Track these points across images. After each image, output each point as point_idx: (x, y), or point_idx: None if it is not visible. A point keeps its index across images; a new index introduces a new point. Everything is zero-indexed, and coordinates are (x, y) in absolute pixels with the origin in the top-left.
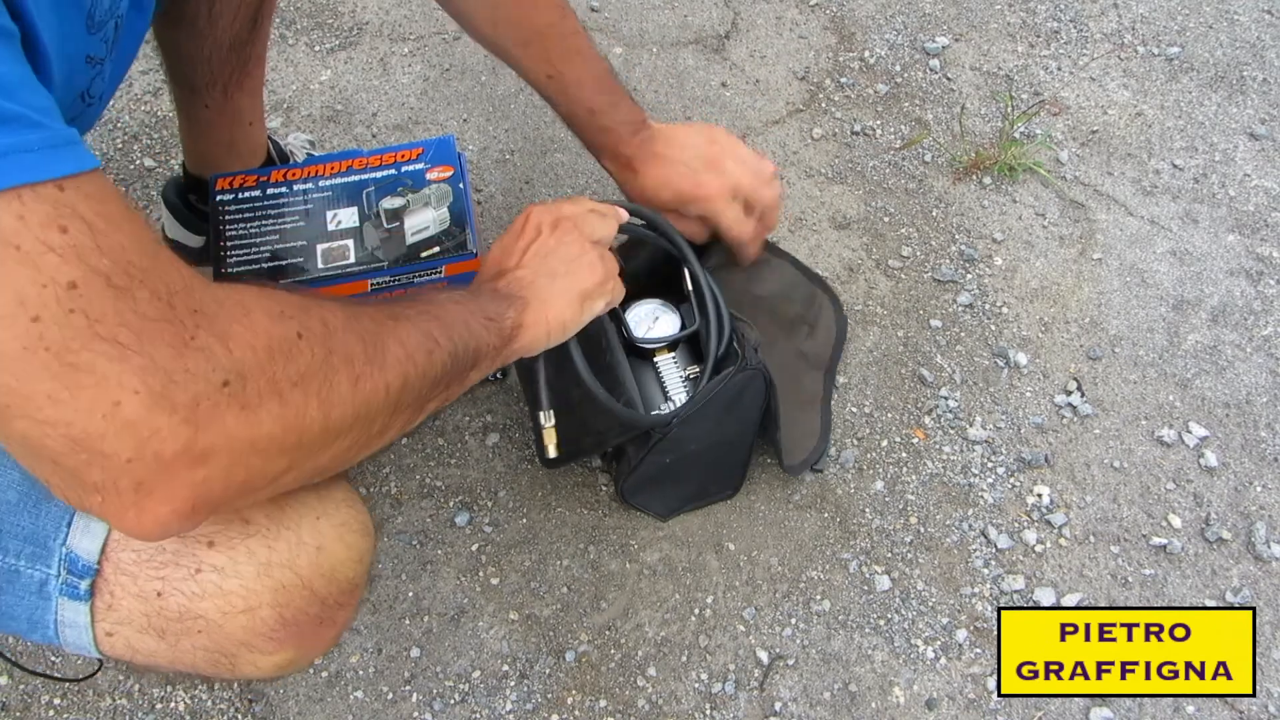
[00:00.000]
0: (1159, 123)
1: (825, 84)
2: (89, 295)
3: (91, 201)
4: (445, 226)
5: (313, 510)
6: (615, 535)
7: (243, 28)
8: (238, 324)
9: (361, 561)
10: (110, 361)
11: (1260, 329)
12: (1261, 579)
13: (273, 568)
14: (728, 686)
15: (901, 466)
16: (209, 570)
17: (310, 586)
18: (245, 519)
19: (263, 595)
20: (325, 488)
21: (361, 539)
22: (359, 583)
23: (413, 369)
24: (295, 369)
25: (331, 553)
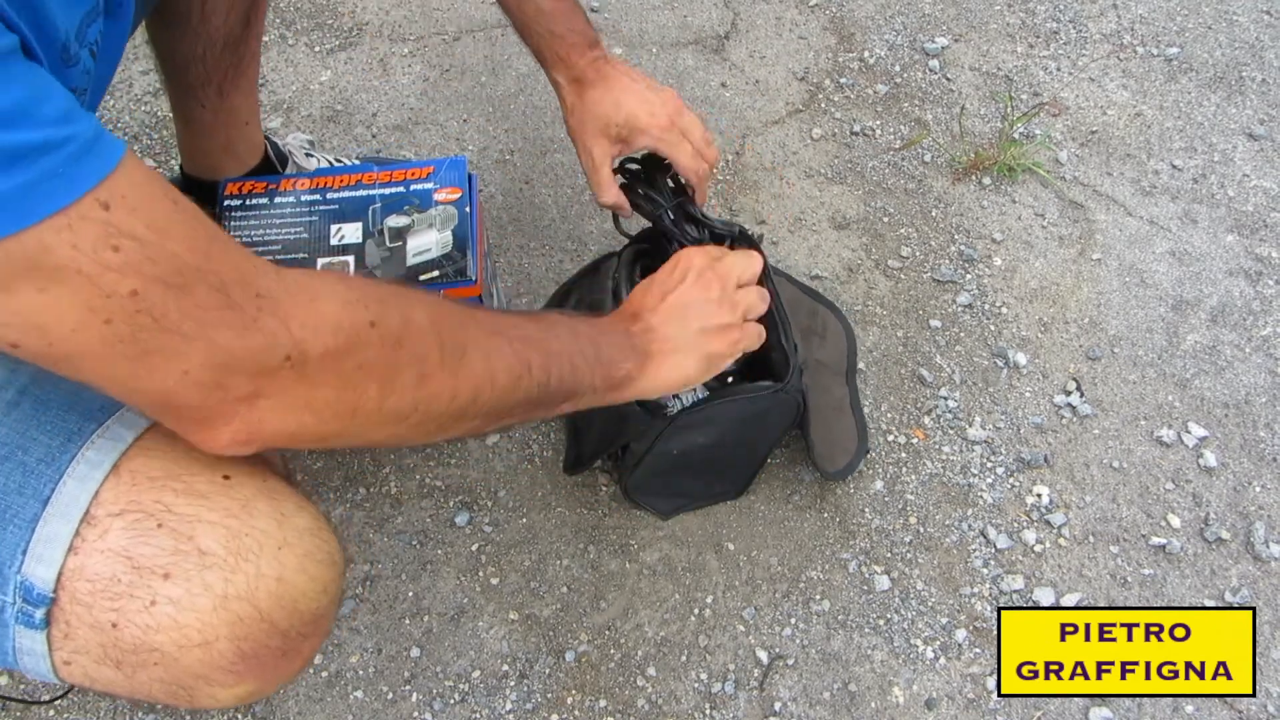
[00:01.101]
0: (1158, 123)
1: (825, 84)
2: (150, 298)
3: (137, 213)
4: (447, 250)
5: (274, 540)
6: (615, 535)
7: (236, 25)
8: (303, 308)
9: (326, 592)
10: (180, 344)
11: (1259, 329)
12: (1261, 579)
13: (230, 600)
14: (727, 686)
15: (901, 466)
16: (164, 603)
17: (270, 619)
18: (202, 549)
19: (219, 629)
20: (289, 515)
21: (326, 569)
22: (323, 613)
23: (489, 387)
24: (360, 356)
25: (293, 584)
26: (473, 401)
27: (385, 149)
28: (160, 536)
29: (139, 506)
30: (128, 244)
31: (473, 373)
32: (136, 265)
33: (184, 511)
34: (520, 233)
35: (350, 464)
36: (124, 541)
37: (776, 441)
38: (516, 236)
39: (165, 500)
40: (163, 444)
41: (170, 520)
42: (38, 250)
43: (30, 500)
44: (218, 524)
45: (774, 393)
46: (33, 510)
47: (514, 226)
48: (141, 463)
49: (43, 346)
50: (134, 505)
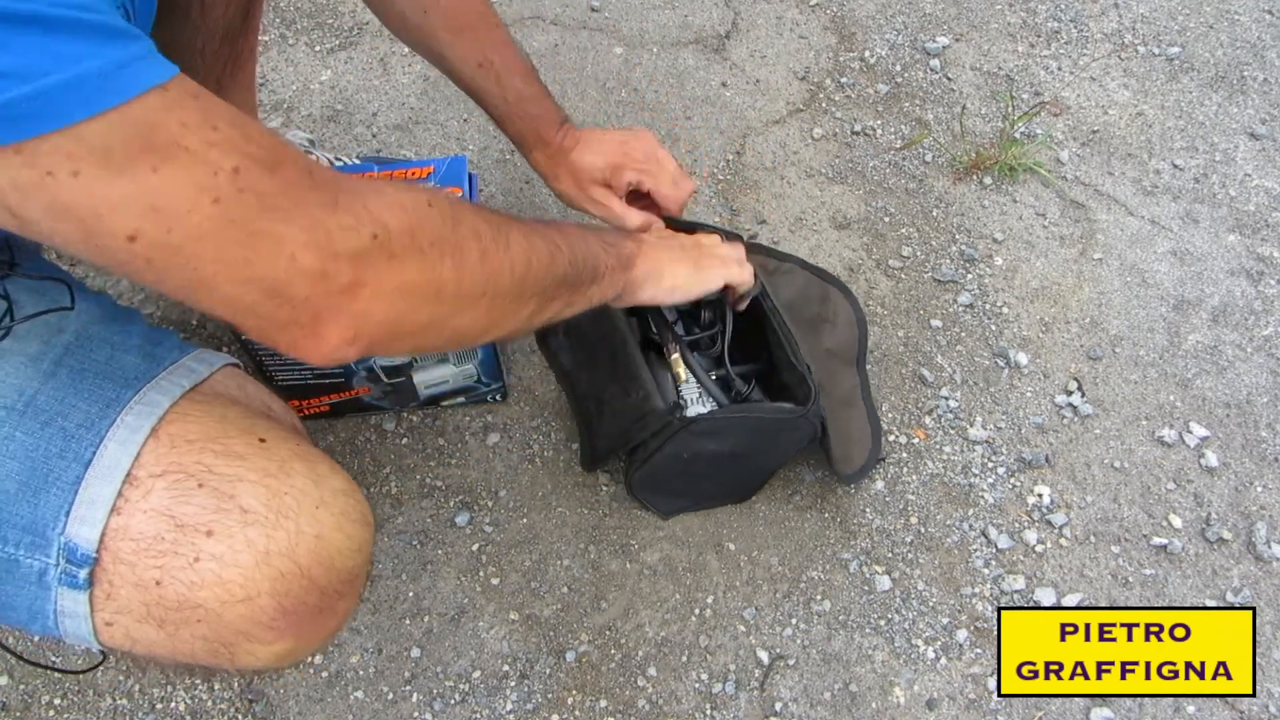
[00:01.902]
0: (1159, 123)
1: (825, 84)
2: (251, 176)
3: (216, 104)
4: None
5: (311, 499)
6: (615, 535)
7: (235, 18)
8: (371, 192)
9: (361, 551)
10: (282, 225)
11: (1261, 329)
12: (1262, 579)
13: (271, 556)
14: (728, 686)
15: (902, 466)
16: (208, 559)
17: (309, 575)
18: (244, 507)
19: (261, 584)
20: (324, 477)
21: (361, 529)
22: (358, 572)
23: (535, 259)
24: (429, 231)
25: (330, 541)
26: (527, 273)
27: (385, 148)
28: (202, 495)
29: (180, 467)
30: (223, 125)
31: (521, 248)
32: (235, 143)
33: (224, 471)
34: None
35: (350, 464)
36: (166, 501)
37: (786, 459)
38: None
39: (205, 461)
40: (198, 409)
41: (211, 480)
42: (148, 127)
43: (72, 464)
44: (258, 483)
45: (796, 417)
46: (74, 473)
47: None
48: (179, 427)
49: (161, 233)
50: (175, 466)
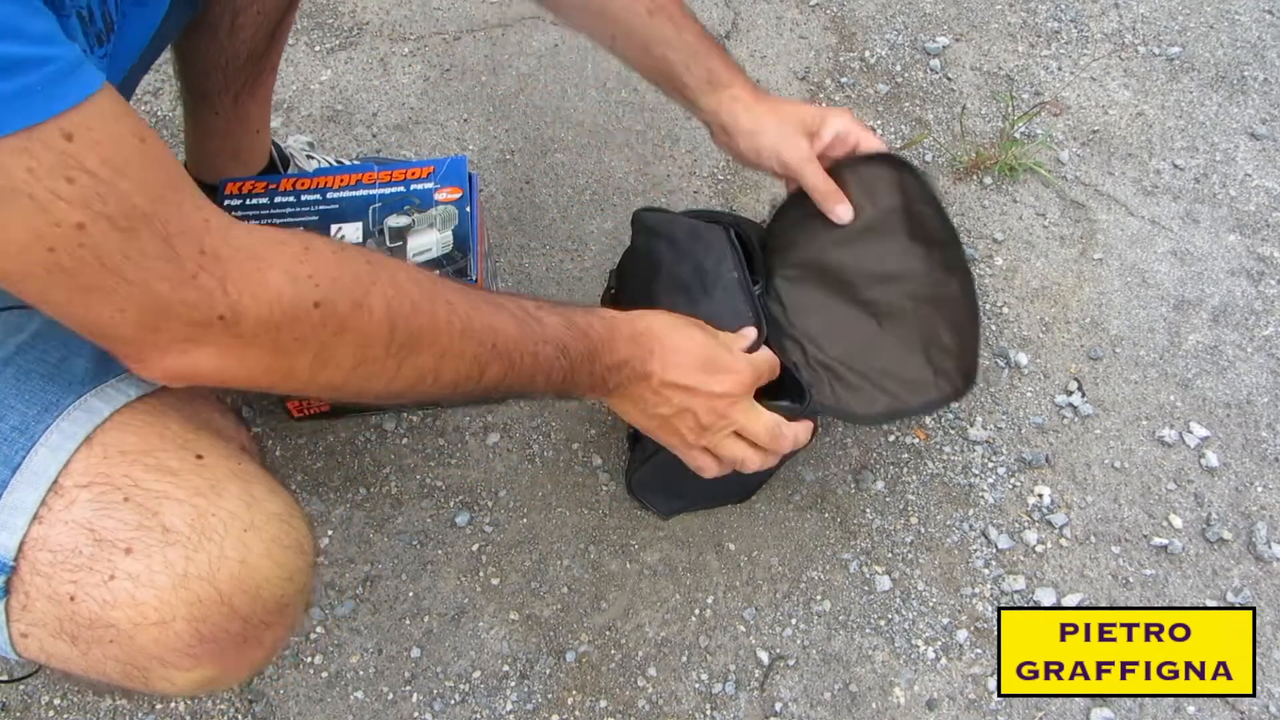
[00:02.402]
0: (1159, 123)
1: (826, 84)
2: (95, 235)
3: (99, 147)
4: (448, 250)
5: (240, 522)
6: (615, 535)
7: (262, 40)
8: (246, 275)
9: (292, 580)
10: (116, 288)
11: (1261, 329)
12: (1262, 579)
13: (190, 580)
14: (728, 687)
15: (902, 466)
16: (123, 578)
17: (230, 603)
18: (166, 526)
19: (177, 608)
20: (258, 499)
21: (294, 556)
22: (289, 601)
23: (430, 381)
24: (297, 331)
25: (257, 568)
26: (410, 389)
27: (385, 149)
28: (125, 510)
29: (107, 479)
30: (82, 178)
31: (417, 367)
32: (87, 200)
33: (152, 487)
34: (520, 233)
35: (350, 464)
36: (88, 513)
37: (787, 457)
38: (516, 236)
39: (134, 475)
40: (140, 419)
41: (137, 495)
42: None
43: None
44: (185, 501)
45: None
46: (1, 477)
47: (514, 226)
48: (116, 436)
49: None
50: (102, 478)
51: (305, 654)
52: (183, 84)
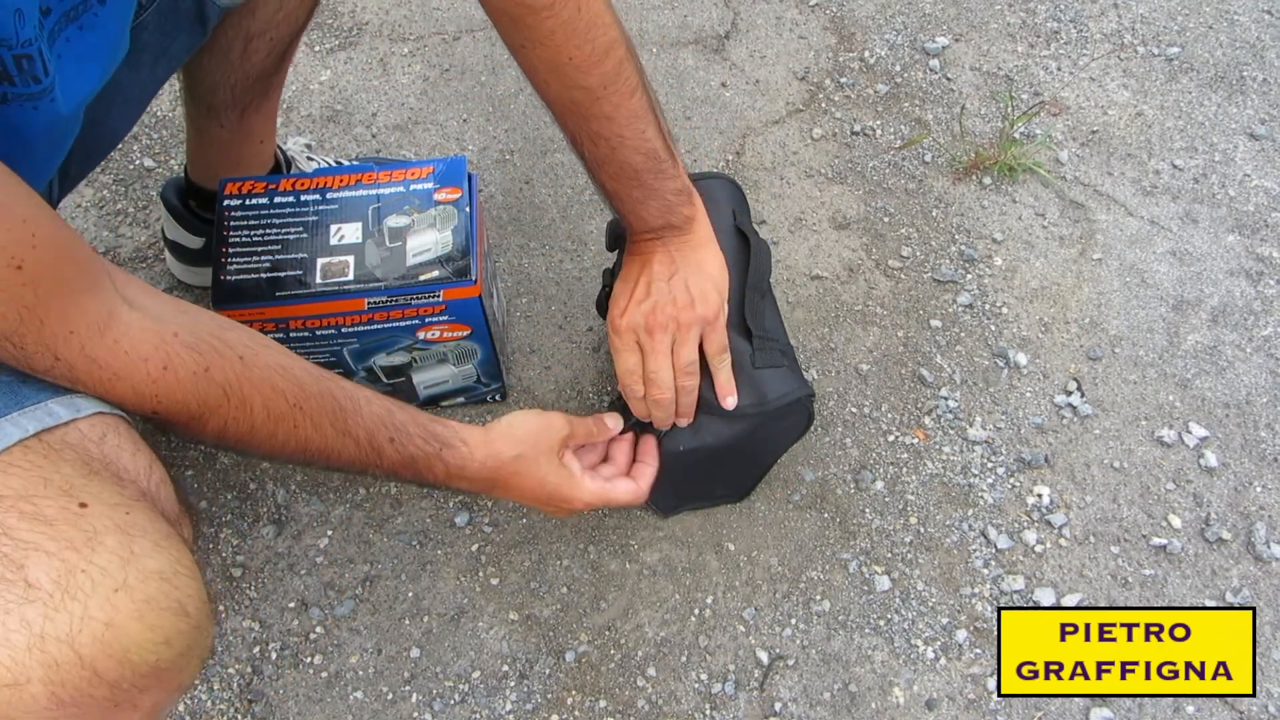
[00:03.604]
0: (1159, 123)
1: (825, 84)
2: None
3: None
4: (447, 250)
5: (112, 580)
6: (615, 535)
7: (272, 63)
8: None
9: (169, 644)
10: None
11: (1260, 329)
12: (1261, 579)
13: (46, 641)
14: (728, 687)
15: (901, 467)
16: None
17: (92, 667)
18: (29, 581)
19: (32, 670)
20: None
21: (172, 618)
22: (164, 666)
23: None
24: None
25: (125, 631)
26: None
27: (385, 149)
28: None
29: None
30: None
31: (244, 453)
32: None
33: (23, 537)
34: (520, 233)
35: None
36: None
37: (787, 446)
38: (516, 236)
39: (7, 523)
40: (28, 460)
41: (5, 545)
42: None
43: None
44: (54, 555)
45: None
46: None
47: (514, 226)
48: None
49: None
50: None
51: (305, 654)
52: (189, 96)
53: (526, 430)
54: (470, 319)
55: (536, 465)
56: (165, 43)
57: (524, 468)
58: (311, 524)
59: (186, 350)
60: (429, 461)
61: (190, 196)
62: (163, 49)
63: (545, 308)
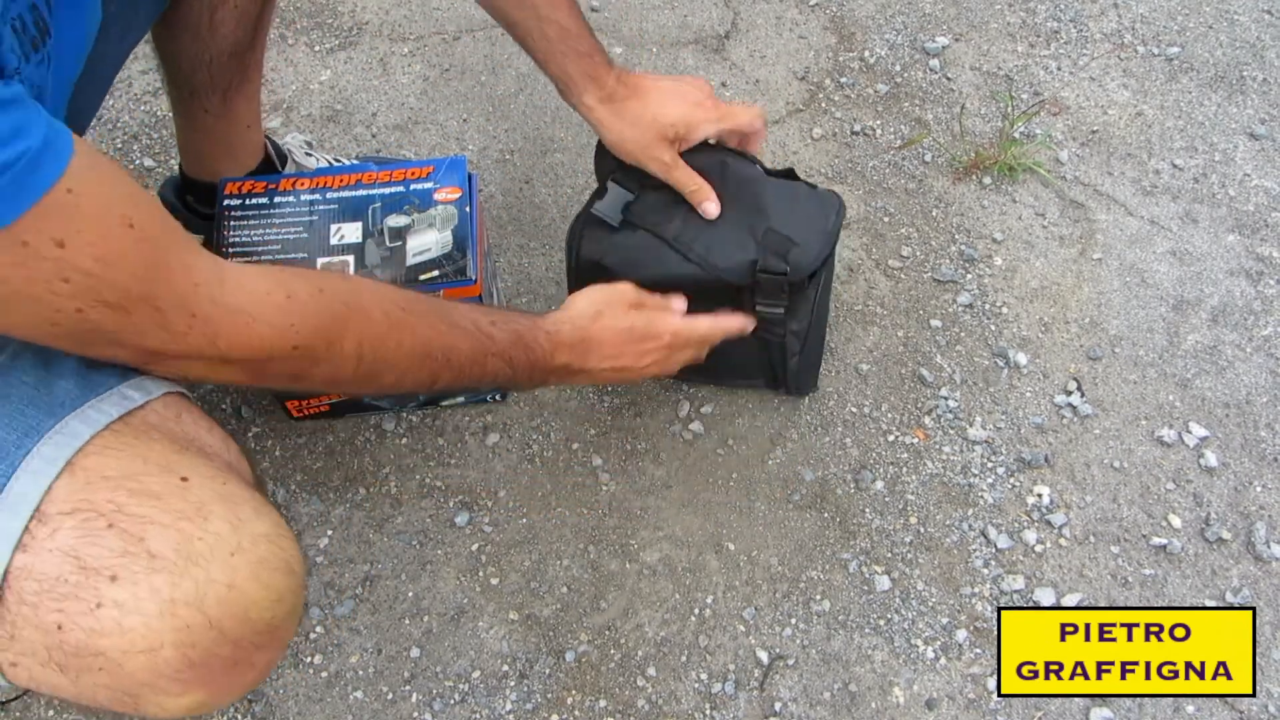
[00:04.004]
0: (1159, 123)
1: (825, 84)
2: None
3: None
4: (447, 250)
5: (227, 545)
6: (615, 535)
7: (244, 35)
8: (234, 331)
9: (281, 601)
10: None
11: (1260, 329)
12: (1261, 579)
13: (177, 606)
14: (728, 686)
15: (901, 466)
16: (110, 606)
17: (219, 627)
18: (152, 552)
19: (165, 635)
20: (245, 520)
21: (283, 577)
22: (280, 623)
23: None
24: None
25: (245, 592)
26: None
27: (385, 149)
28: (110, 537)
29: (91, 505)
30: (77, 277)
31: (380, 384)
32: (84, 293)
33: (136, 512)
34: (520, 232)
35: (350, 464)
36: (73, 541)
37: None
38: (516, 236)
39: (118, 500)
40: (121, 442)
41: (122, 521)
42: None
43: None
44: (170, 526)
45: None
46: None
47: (514, 226)
48: (97, 461)
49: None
50: (86, 504)
51: (305, 654)
52: (170, 84)
53: (598, 294)
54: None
55: (617, 318)
56: (130, 13)
57: (608, 321)
58: (311, 524)
59: (297, 278)
60: (533, 334)
61: (187, 192)
62: (128, 20)
63: (545, 308)
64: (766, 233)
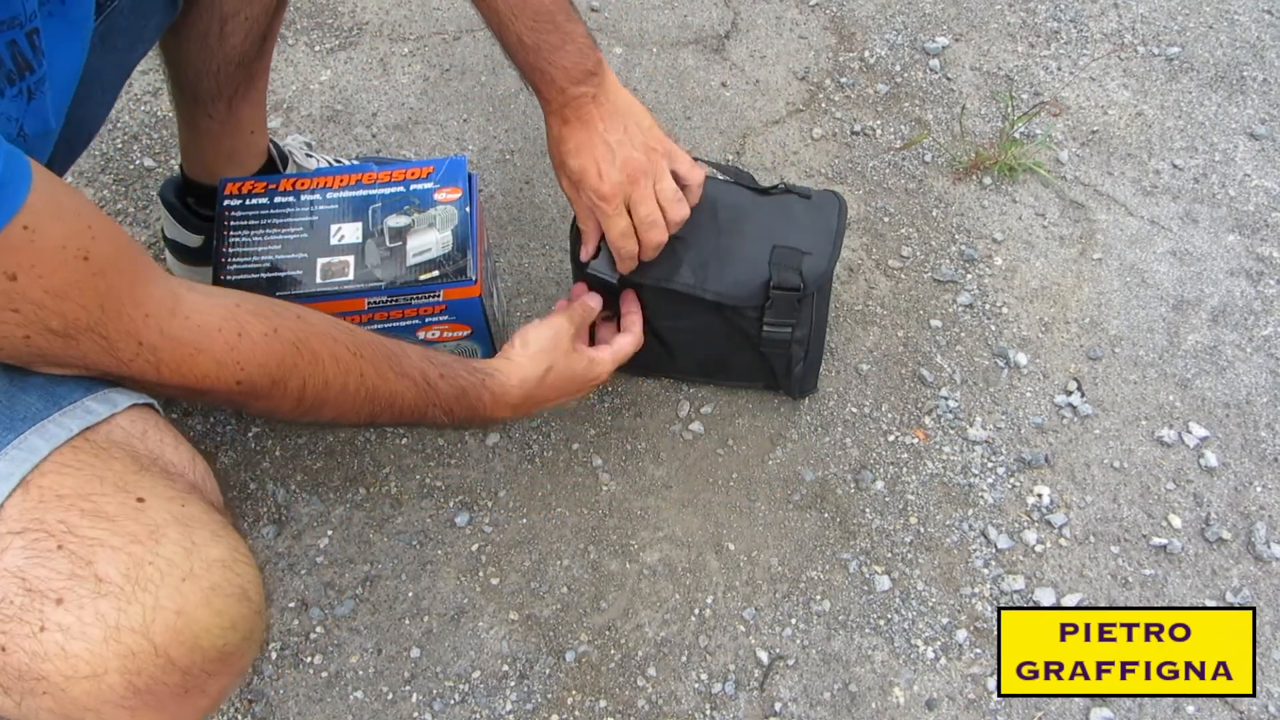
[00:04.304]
0: (1159, 123)
1: (825, 84)
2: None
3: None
4: (447, 250)
5: (178, 571)
6: (615, 535)
7: (252, 46)
8: (179, 361)
9: (235, 629)
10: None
11: (1260, 329)
12: (1261, 579)
13: (122, 632)
14: (728, 687)
15: (901, 466)
16: (54, 629)
17: (166, 654)
18: (99, 576)
19: (109, 661)
20: (199, 545)
21: (237, 604)
22: (231, 650)
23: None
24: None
25: (195, 618)
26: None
27: (385, 149)
28: (58, 559)
29: (41, 525)
30: (27, 308)
31: (318, 418)
32: (31, 322)
33: (87, 534)
34: (520, 233)
35: (350, 464)
36: (20, 561)
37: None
38: (516, 236)
39: (69, 521)
40: (79, 460)
41: (71, 542)
42: None
43: None
44: (120, 550)
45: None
46: None
47: (514, 226)
48: (53, 480)
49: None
50: (36, 524)
51: (305, 654)
52: (174, 89)
53: (543, 343)
54: (470, 319)
55: (563, 368)
56: (139, 25)
57: (555, 376)
58: (311, 524)
59: (252, 315)
60: (477, 391)
61: (188, 193)
62: (137, 32)
63: (545, 308)
64: (775, 250)
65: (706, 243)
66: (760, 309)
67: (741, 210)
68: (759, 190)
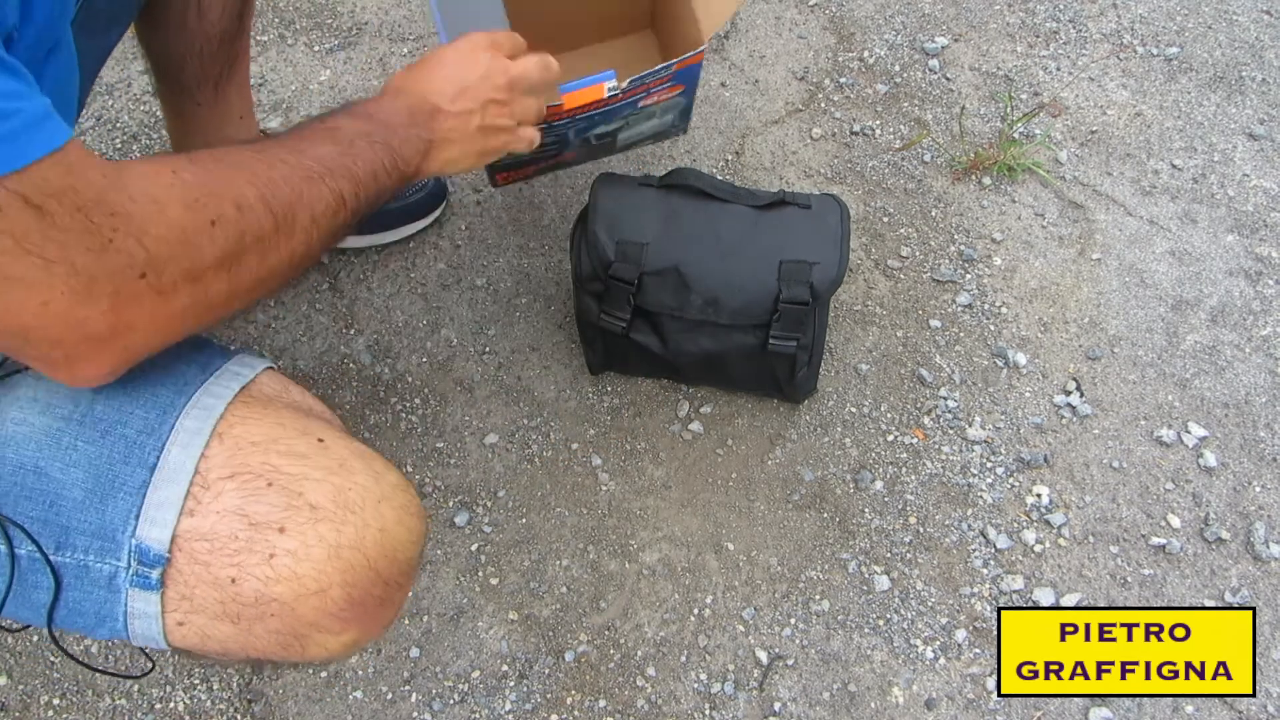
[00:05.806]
0: (1158, 123)
1: (824, 84)
2: (12, 218)
3: None
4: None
5: (374, 495)
6: (615, 535)
7: (231, 21)
8: (152, 222)
9: (417, 543)
10: (38, 271)
11: (1259, 329)
12: (1260, 579)
13: (342, 550)
14: (727, 687)
15: (901, 466)
16: (283, 554)
17: (375, 567)
18: (312, 504)
19: (333, 576)
20: (381, 473)
21: (418, 521)
22: (415, 564)
23: (317, 233)
24: (208, 254)
25: (393, 534)
26: (306, 253)
27: None
28: (272, 494)
29: (248, 468)
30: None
31: (303, 229)
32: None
33: (291, 471)
34: (520, 233)
35: None
36: (238, 500)
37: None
38: (516, 236)
39: (272, 462)
40: (253, 412)
41: (279, 479)
42: None
43: (137, 468)
44: (323, 481)
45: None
46: (140, 478)
47: (514, 226)
48: (240, 429)
49: None
50: (243, 468)
51: None
52: (159, 80)
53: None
54: (688, 79)
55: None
56: (116, 6)
57: (446, 52)
58: None
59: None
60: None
61: None
62: (114, 14)
63: (545, 308)
64: (782, 266)
65: (713, 268)
66: (767, 325)
67: (743, 231)
68: (758, 206)
